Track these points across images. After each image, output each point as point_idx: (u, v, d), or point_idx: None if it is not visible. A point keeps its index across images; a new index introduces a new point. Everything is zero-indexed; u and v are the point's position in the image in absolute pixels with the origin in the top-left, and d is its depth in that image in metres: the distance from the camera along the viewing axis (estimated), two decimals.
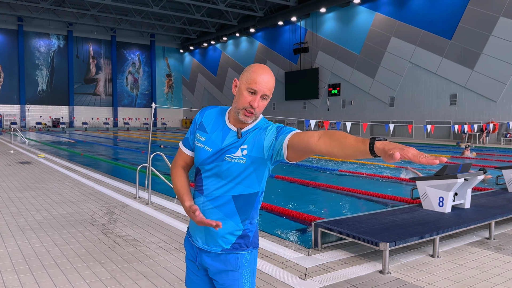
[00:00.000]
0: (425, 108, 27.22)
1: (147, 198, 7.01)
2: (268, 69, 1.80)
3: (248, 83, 1.75)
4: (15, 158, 14.25)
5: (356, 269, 3.96)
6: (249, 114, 1.77)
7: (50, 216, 6.02)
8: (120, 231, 5.25)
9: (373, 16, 30.40)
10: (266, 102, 1.79)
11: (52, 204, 6.80)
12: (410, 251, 4.48)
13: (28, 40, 45.90)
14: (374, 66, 30.31)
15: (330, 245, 4.65)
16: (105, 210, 6.45)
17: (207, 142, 1.85)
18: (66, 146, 22.16)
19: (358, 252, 4.44)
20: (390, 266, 4.00)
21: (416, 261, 4.21)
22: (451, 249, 4.56)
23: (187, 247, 2.01)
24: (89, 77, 50.40)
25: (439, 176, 5.13)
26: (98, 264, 4.06)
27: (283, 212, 6.71)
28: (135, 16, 42.87)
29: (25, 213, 6.18)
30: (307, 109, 36.59)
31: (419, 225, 4.56)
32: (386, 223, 4.68)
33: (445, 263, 4.12)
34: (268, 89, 1.76)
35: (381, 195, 8.13)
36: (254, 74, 1.75)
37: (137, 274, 3.83)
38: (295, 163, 13.92)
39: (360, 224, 4.58)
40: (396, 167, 12.91)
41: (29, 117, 46.05)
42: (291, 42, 37.55)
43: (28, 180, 9.34)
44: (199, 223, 1.75)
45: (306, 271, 3.89)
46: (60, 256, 4.28)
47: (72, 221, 5.73)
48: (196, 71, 53.38)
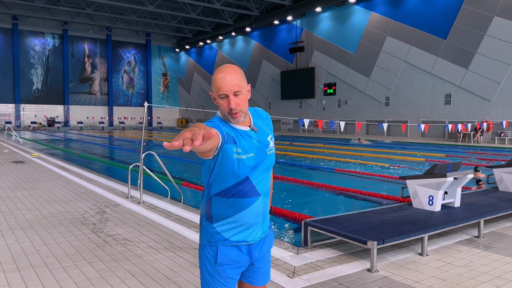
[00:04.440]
0: (420, 108, 27.31)
1: (139, 197, 7.00)
2: (227, 68, 1.84)
3: (216, 91, 1.83)
4: (9, 157, 14.18)
5: (344, 268, 3.97)
6: (235, 115, 1.82)
7: (40, 215, 6.00)
8: (110, 230, 5.23)
9: (368, 16, 30.46)
10: (242, 94, 1.83)
11: (43, 204, 6.77)
12: (399, 250, 4.50)
13: (23, 39, 45.68)
14: (370, 65, 30.38)
15: (320, 244, 4.66)
16: (96, 209, 6.44)
17: (246, 150, 1.83)
18: (60, 145, 22.08)
19: (348, 250, 4.46)
20: (378, 265, 4.01)
21: (404, 259, 4.22)
22: (440, 248, 4.57)
23: (234, 257, 1.93)
24: (84, 76, 50.24)
25: (429, 175, 5.15)
26: (86, 263, 4.05)
27: (275, 210, 6.71)
28: (131, 15, 42.75)
29: (16, 212, 6.16)
30: (302, 108, 36.62)
31: (408, 224, 4.57)
32: (375, 221, 4.70)
33: (433, 262, 4.14)
34: (235, 86, 1.80)
35: (375, 194, 8.16)
36: (216, 82, 1.82)
37: (125, 273, 3.83)
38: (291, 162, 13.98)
39: (349, 223, 4.59)
40: (390, 166, 12.96)
41: (24, 116, 45.84)
42: (287, 41, 37.57)
43: (21, 179, 9.30)
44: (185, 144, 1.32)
45: (295, 270, 3.90)
46: (48, 256, 4.26)
47: (63, 220, 5.71)
48: (192, 70, 53.31)
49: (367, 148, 19.66)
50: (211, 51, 49.16)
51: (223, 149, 1.78)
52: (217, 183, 1.87)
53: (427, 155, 15.73)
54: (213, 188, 1.90)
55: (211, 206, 1.92)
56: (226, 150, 1.79)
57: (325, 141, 25.27)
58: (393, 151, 17.89)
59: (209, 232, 1.94)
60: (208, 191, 1.94)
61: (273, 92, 39.78)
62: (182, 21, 46.51)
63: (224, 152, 1.79)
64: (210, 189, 1.92)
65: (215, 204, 1.91)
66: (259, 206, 1.93)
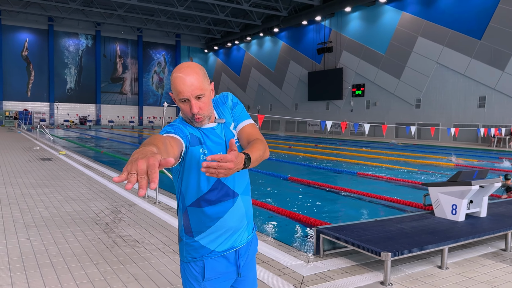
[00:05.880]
0: (452, 110, 26.37)
1: (155, 198, 6.97)
2: (185, 68, 1.64)
3: (176, 95, 1.65)
4: (38, 154, 14.57)
5: (355, 279, 3.76)
6: (198, 120, 1.67)
7: (56, 213, 6.05)
8: (121, 231, 5.20)
9: (399, 16, 29.70)
10: (205, 97, 1.65)
11: (61, 202, 6.85)
12: (417, 261, 4.24)
13: (58, 39, 47.20)
14: (400, 66, 29.62)
15: (333, 253, 4.45)
16: (112, 208, 6.45)
17: (214, 148, 1.72)
18: (89, 143, 22.59)
19: (362, 260, 4.23)
20: (392, 277, 3.78)
21: (422, 272, 3.96)
22: (462, 261, 4.28)
23: (221, 269, 1.79)
24: (116, 76, 51.41)
25: (453, 183, 4.85)
26: (92, 265, 4.01)
27: (290, 215, 6.53)
28: (161, 16, 43.42)
29: (34, 210, 6.24)
30: (330, 109, 36.10)
31: (427, 234, 4.30)
32: (392, 230, 4.45)
33: (453, 276, 3.86)
34: (196, 89, 1.61)
35: (397, 200, 7.83)
36: (174, 83, 1.63)
37: (128, 276, 3.75)
38: (310, 164, 13.72)
39: (364, 231, 4.37)
40: (419, 171, 12.51)
41: (57, 114, 47.35)
42: (315, 41, 37.16)
43: (44, 176, 9.49)
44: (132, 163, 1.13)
45: (303, 280, 3.72)
46: (56, 255, 4.25)
47: (77, 219, 5.73)
48: (219, 70, 53.62)
49: (395, 152, 19.12)
50: (239, 52, 49.29)
51: (189, 153, 1.65)
52: (190, 191, 1.72)
53: (459, 160, 15.11)
54: (187, 198, 1.75)
55: (189, 218, 1.76)
56: (192, 153, 1.66)
57: (351, 144, 24.79)
58: (422, 155, 17.30)
59: (192, 246, 1.77)
60: (182, 202, 1.78)
61: (300, 93, 39.43)
62: (211, 22, 46.85)
63: (190, 155, 1.65)
64: (184, 199, 1.76)
65: (192, 215, 1.75)
66: (240, 208, 1.78)
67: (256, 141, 1.68)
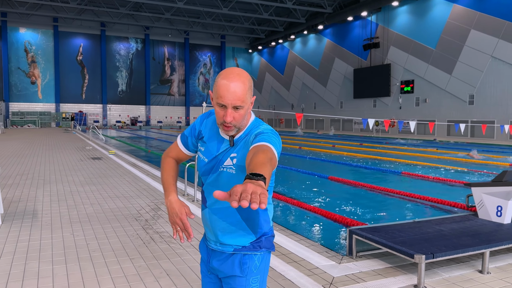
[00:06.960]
0: (509, 107, 24.84)
1: (193, 195, 7.12)
2: (234, 75, 1.61)
3: (216, 97, 1.64)
4: (89, 154, 15.33)
5: (388, 282, 3.64)
6: (227, 128, 1.66)
7: (100, 210, 6.33)
8: (159, 227, 5.36)
9: (450, 8, 28.39)
10: (243, 110, 1.64)
11: (106, 198, 7.16)
12: (456, 265, 4.04)
13: (109, 43, 49.41)
14: (452, 61, 28.30)
15: (367, 254, 4.34)
16: (153, 205, 6.66)
17: (205, 152, 1.80)
18: (138, 143, 23.46)
19: (396, 263, 4.09)
20: (428, 280, 3.62)
21: (460, 276, 3.77)
22: (506, 265, 4.03)
23: (202, 250, 1.97)
24: (164, 78, 53.03)
25: (498, 183, 4.57)
26: (128, 260, 4.16)
27: (326, 215, 6.44)
28: (206, 18, 44.24)
29: (79, 206, 6.57)
30: (377, 107, 35.17)
31: (468, 237, 4.09)
32: (430, 232, 4.27)
33: (494, 281, 3.64)
34: (237, 99, 1.60)
35: (442, 201, 7.50)
36: (218, 87, 1.61)
37: (161, 271, 3.86)
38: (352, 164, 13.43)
39: (399, 233, 4.22)
40: (469, 171, 11.92)
41: (110, 115, 49.59)
42: (360, 38, 36.35)
43: (93, 174, 9.97)
44: (174, 223, 1.79)
45: (332, 281, 3.66)
46: (96, 250, 4.46)
47: (119, 216, 5.97)
48: (264, 70, 53.81)
49: (444, 151, 18.29)
50: (283, 50, 49.20)
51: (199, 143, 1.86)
52: None
53: None
54: None
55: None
56: (199, 143, 1.86)
57: (398, 142, 24.00)
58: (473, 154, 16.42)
59: None
60: None
61: (345, 90, 38.72)
62: (255, 22, 47.11)
63: (199, 144, 1.87)
64: None
65: None
66: (206, 218, 1.84)
67: (258, 153, 1.44)
